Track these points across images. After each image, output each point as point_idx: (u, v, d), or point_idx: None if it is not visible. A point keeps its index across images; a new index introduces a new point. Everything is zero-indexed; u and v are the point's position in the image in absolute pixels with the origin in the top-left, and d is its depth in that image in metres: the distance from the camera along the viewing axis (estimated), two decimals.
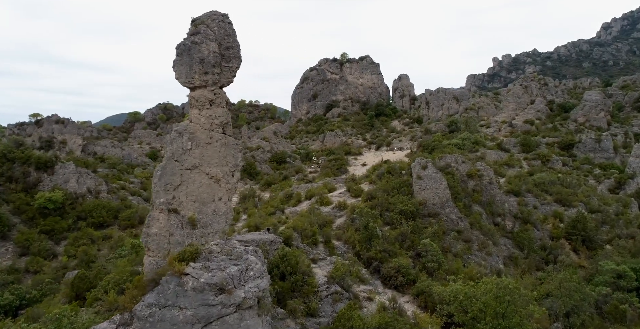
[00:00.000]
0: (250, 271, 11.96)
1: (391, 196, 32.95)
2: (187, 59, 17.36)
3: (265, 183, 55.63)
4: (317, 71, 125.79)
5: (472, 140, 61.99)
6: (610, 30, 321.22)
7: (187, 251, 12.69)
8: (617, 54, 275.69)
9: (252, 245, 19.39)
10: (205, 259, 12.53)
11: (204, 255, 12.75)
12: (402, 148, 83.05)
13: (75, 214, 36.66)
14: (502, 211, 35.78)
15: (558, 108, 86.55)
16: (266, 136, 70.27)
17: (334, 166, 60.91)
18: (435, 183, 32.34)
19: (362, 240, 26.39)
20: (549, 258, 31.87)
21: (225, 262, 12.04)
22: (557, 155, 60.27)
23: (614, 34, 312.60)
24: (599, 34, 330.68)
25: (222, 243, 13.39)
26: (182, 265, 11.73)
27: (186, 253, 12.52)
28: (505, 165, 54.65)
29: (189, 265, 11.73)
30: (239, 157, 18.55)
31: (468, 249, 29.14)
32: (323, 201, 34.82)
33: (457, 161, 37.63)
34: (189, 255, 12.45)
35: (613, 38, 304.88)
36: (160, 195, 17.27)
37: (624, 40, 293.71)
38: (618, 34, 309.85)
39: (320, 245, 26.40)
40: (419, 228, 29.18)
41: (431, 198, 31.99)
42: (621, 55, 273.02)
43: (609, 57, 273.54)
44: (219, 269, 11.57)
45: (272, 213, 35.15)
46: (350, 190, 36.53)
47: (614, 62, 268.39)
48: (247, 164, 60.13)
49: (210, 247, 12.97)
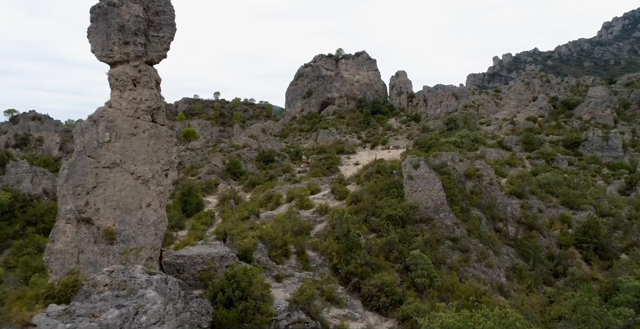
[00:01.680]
0: (142, 315, 8.15)
1: (379, 199, 29.13)
2: (103, 26, 13.51)
3: (250, 183, 51.79)
4: (311, 67, 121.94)
5: (471, 137, 58.21)
6: (611, 29, 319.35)
7: (62, 284, 8.85)
8: (619, 53, 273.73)
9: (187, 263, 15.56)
10: (85, 296, 8.72)
11: (85, 288, 8.93)
12: (398, 146, 79.25)
13: (25, 218, 32.91)
14: (503, 215, 31.94)
15: (561, 105, 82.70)
16: (254, 134, 66.52)
17: (323, 166, 57.08)
18: (428, 184, 28.50)
19: (341, 250, 22.56)
20: (558, 270, 28.03)
21: (107, 302, 8.24)
22: (562, 153, 56.45)
23: (615, 33, 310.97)
24: (600, 33, 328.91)
25: (119, 271, 9.56)
26: (37, 309, 7.93)
27: (57, 287, 8.69)
28: (507, 165, 50.85)
29: (43, 310, 7.92)
30: (173, 152, 14.69)
31: (465, 260, 25.30)
32: (303, 204, 31.01)
33: (454, 159, 33.79)
34: (61, 291, 8.62)
35: (614, 37, 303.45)
36: (68, 201, 13.43)
37: (625, 40, 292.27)
38: (619, 33, 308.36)
39: (292, 257, 22.57)
40: (408, 236, 25.33)
41: (424, 201, 28.15)
42: (622, 55, 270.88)
43: (610, 56, 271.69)
44: (90, 315, 7.78)
45: (246, 217, 31.31)
46: (335, 191, 32.70)
47: (616, 61, 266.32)
48: (231, 163, 56.26)
49: (96, 278, 9.15)
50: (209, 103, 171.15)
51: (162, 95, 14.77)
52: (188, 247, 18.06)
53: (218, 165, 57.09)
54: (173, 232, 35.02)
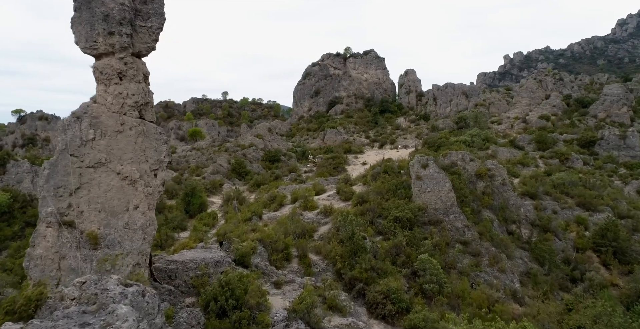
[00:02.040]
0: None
1: (385, 200, 27.98)
2: (87, 15, 12.60)
3: (255, 183, 50.89)
4: (319, 66, 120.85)
5: (482, 136, 56.65)
6: (625, 26, 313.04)
7: (25, 298, 7.91)
8: (633, 51, 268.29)
9: (179, 269, 14.60)
10: (50, 311, 7.77)
11: (50, 303, 7.99)
12: (407, 146, 77.87)
13: (25, 219, 32.36)
14: (517, 217, 30.54)
15: (575, 104, 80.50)
16: (260, 133, 65.60)
17: (330, 166, 55.98)
18: (437, 184, 27.28)
19: (345, 254, 21.48)
20: (575, 275, 26.60)
21: (70, 320, 7.28)
22: (577, 153, 54.61)
23: (630, 30, 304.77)
24: (613, 30, 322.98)
25: (91, 282, 8.60)
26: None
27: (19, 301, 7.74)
28: (519, 164, 49.23)
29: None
30: (163, 151, 13.73)
31: (477, 265, 24.06)
32: (307, 206, 29.97)
33: (464, 159, 32.48)
34: (23, 306, 7.67)
35: (629, 34, 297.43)
36: (49, 203, 12.54)
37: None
38: (634, 31, 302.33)
39: (294, 261, 21.55)
40: (416, 239, 24.16)
41: (433, 203, 26.93)
42: (637, 52, 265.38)
43: (625, 54, 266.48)
44: None
45: (249, 218, 30.38)
46: (340, 192, 31.60)
47: (630, 59, 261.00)
48: (236, 163, 55.43)
49: (64, 290, 8.19)
50: (217, 103, 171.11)
51: (150, 90, 13.83)
52: (182, 251, 17.12)
53: (223, 165, 56.32)
54: (175, 233, 34.26)
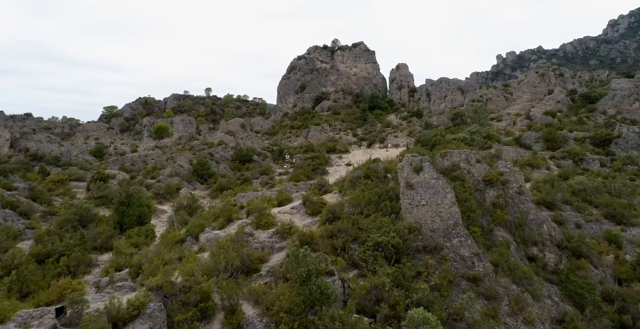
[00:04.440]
0: None
1: (365, 216, 20.44)
2: None
3: (218, 187, 43.13)
4: (305, 60, 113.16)
5: (483, 133, 49.40)
6: (617, 27, 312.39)
7: None
8: (625, 51, 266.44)
9: None
10: None
11: None
12: (398, 145, 70.54)
13: None
14: (538, 237, 23.10)
15: (581, 99, 73.72)
16: (231, 130, 57.77)
17: (309, 167, 48.33)
18: (435, 195, 19.76)
19: (296, 307, 13.87)
20: (624, 320, 19.29)
21: None
22: (591, 152, 47.59)
23: (621, 31, 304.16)
24: (605, 30, 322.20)
25: None
26: None
27: None
28: (528, 166, 42.03)
29: None
30: None
31: (493, 313, 16.59)
32: (261, 222, 22.32)
33: (469, 160, 24.99)
34: None
35: (620, 35, 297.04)
36: None
37: (632, 37, 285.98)
38: (625, 31, 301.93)
39: (217, 320, 13.89)
40: (406, 278, 16.64)
41: (429, 221, 19.42)
42: (629, 53, 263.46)
43: (617, 54, 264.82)
44: None
45: (182, 240, 22.64)
46: (307, 203, 23.95)
47: (622, 59, 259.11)
48: (199, 163, 47.53)
49: None
50: (200, 99, 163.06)
51: None
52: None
53: (184, 166, 48.42)
54: (95, 255, 26.42)
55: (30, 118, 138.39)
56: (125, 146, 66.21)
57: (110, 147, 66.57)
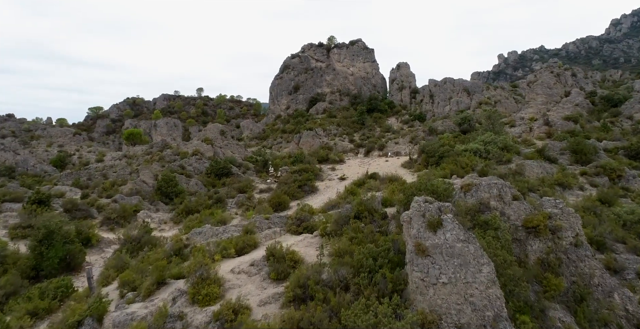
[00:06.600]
0: None
1: (351, 296, 13.06)
2: None
3: (184, 210, 35.85)
4: (299, 58, 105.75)
5: (500, 144, 42.04)
6: (620, 26, 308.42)
7: None
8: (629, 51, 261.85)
9: None
10: None
11: None
12: (399, 153, 63.19)
13: None
14: (608, 315, 15.70)
15: (603, 102, 66.38)
16: (208, 137, 50.51)
17: (295, 183, 40.95)
18: (464, 268, 12.36)
19: None
20: None
21: None
22: (629, 167, 40.22)
23: (624, 30, 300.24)
24: (607, 30, 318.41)
25: None
26: None
27: None
28: (558, 186, 34.64)
29: None
30: None
31: None
32: (202, 293, 14.94)
33: (502, 195, 17.48)
34: None
35: (623, 34, 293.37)
36: None
37: (635, 37, 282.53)
38: (628, 31, 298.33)
39: None
40: None
41: (453, 312, 12.02)
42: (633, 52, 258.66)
43: (620, 54, 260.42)
44: None
45: (78, 321, 15.23)
46: (271, 262, 16.50)
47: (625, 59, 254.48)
48: (163, 179, 40.09)
49: None
50: (191, 100, 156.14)
51: None
52: None
53: (147, 182, 41.04)
54: None
55: (12, 118, 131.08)
56: (93, 154, 58.93)
57: (75, 155, 59.18)
